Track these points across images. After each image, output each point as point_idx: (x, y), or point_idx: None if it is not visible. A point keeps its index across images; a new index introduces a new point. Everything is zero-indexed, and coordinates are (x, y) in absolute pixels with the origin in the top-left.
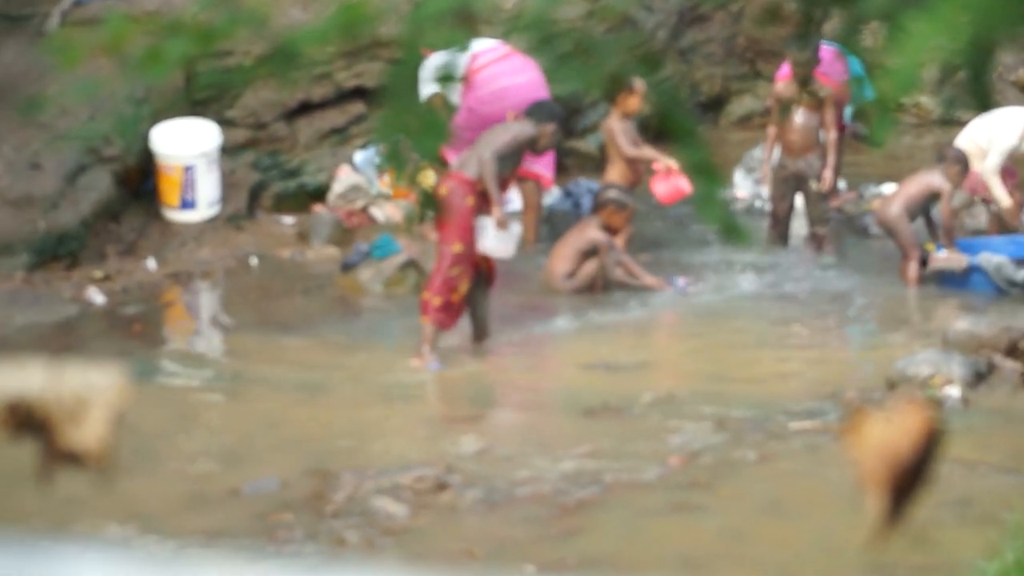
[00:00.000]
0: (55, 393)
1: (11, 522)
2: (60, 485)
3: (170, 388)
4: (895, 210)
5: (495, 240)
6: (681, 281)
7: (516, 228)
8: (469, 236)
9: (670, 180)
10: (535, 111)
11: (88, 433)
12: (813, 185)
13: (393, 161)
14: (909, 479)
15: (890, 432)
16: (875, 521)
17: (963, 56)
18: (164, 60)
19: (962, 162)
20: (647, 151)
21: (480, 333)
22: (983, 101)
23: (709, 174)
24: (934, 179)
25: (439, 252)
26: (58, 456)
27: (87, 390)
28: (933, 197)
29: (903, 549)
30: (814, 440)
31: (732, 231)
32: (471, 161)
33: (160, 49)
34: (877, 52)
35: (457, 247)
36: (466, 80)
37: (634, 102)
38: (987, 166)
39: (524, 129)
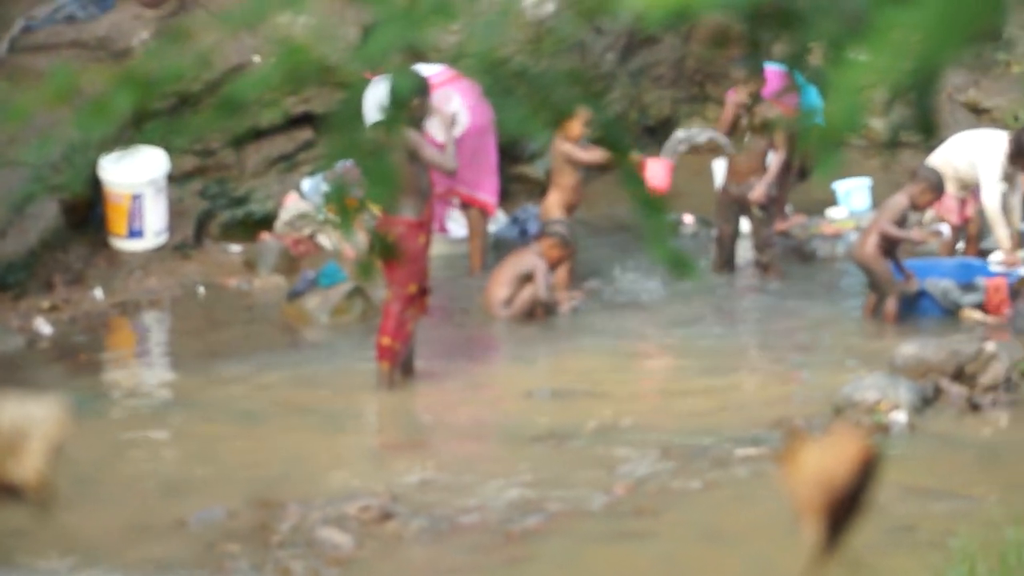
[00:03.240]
0: None
1: None
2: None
3: (115, 418)
4: (867, 249)
5: None
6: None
7: None
8: (423, 276)
9: (664, 170)
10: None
11: (27, 465)
12: (756, 211)
13: (336, 199)
14: (846, 506)
15: (827, 459)
16: (812, 548)
17: (908, 78)
18: (110, 112)
19: (936, 186)
20: (598, 153)
21: (408, 367)
22: (928, 124)
23: (653, 205)
24: (894, 201)
25: (392, 295)
26: None
27: (25, 422)
28: (900, 219)
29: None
30: (760, 467)
31: (677, 263)
32: (407, 202)
33: (105, 101)
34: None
35: (412, 288)
36: None
37: (576, 127)
38: (990, 205)
39: (409, 140)
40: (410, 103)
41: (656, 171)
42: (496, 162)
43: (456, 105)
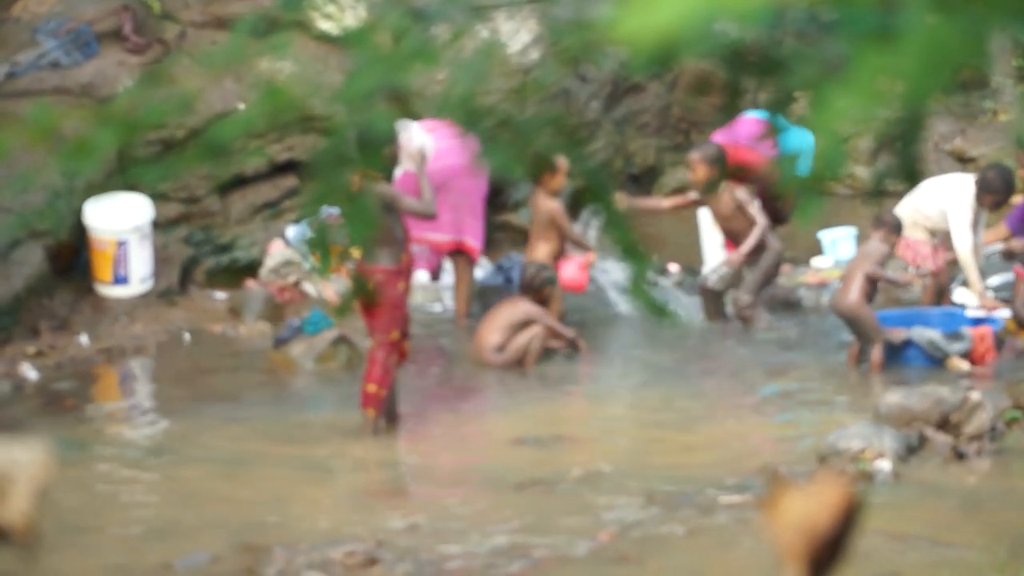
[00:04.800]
0: None
1: None
2: None
3: (101, 463)
4: (852, 297)
5: None
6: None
7: None
8: (404, 322)
9: (580, 271)
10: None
11: (12, 509)
12: (745, 268)
13: (317, 242)
14: (827, 552)
15: (809, 506)
16: None
17: (892, 126)
18: (92, 150)
19: (898, 227)
20: (583, 239)
21: (391, 414)
22: (913, 172)
23: (637, 255)
24: (873, 247)
25: (376, 342)
26: None
27: (10, 466)
28: (882, 264)
29: None
30: (744, 514)
31: (659, 311)
32: (384, 252)
33: (87, 140)
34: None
35: (395, 335)
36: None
37: (559, 181)
38: (962, 249)
39: (383, 193)
40: (384, 149)
41: (571, 271)
42: (482, 206)
43: (419, 139)
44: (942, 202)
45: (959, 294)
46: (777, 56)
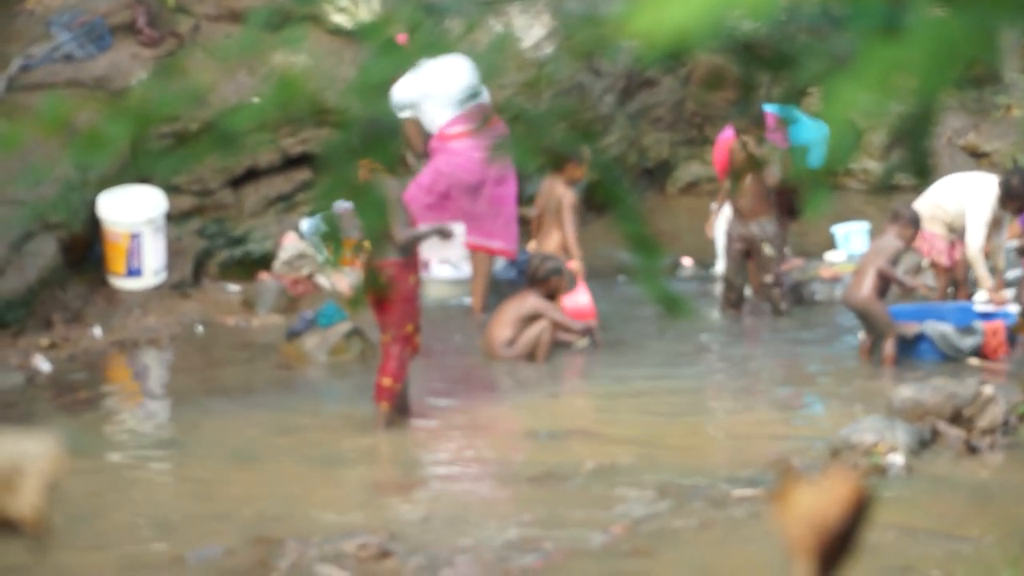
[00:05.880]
0: None
1: None
2: None
3: (113, 455)
4: (864, 292)
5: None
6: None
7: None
8: (417, 315)
9: (578, 303)
10: (368, 148)
11: (23, 501)
12: (767, 249)
13: (330, 235)
14: (838, 546)
15: (820, 499)
16: None
17: (902, 120)
18: (104, 142)
19: (916, 222)
20: (575, 244)
21: (403, 407)
22: (923, 167)
23: (648, 246)
24: (887, 243)
25: (391, 337)
26: None
27: (21, 458)
28: (895, 260)
29: None
30: (756, 507)
31: (671, 304)
32: (390, 248)
33: (100, 132)
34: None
35: (408, 328)
36: (442, 139)
37: (581, 171)
38: (972, 245)
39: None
40: (391, 142)
41: (581, 301)
42: (514, 210)
43: (467, 157)
44: (964, 199)
45: (980, 293)
46: (789, 51)
